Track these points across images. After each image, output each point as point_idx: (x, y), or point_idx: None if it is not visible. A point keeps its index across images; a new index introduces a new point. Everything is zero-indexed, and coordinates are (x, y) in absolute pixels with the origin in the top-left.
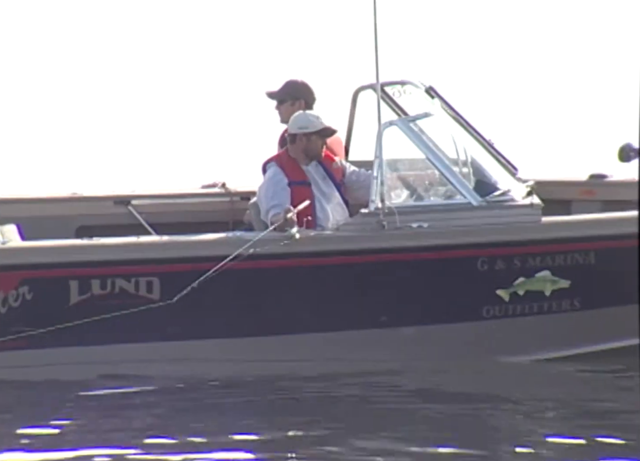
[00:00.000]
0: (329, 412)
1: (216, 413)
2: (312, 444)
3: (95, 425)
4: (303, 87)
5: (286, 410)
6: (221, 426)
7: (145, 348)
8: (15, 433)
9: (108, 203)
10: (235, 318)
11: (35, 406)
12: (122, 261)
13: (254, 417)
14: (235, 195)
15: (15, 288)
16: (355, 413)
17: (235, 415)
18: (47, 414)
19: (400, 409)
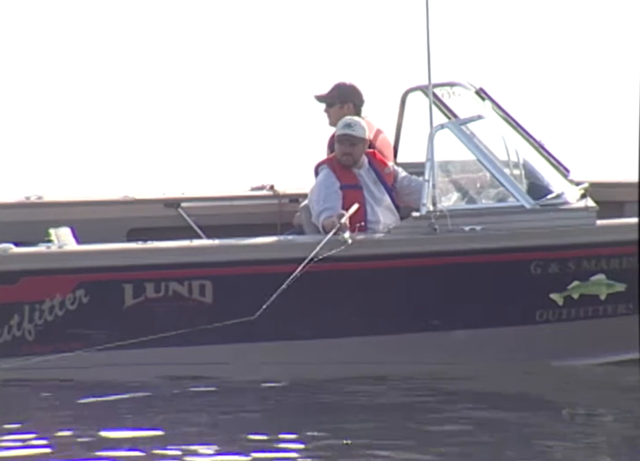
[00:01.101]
0: (378, 416)
1: (266, 414)
2: (360, 448)
3: (151, 426)
4: (351, 90)
5: (336, 412)
6: (271, 428)
7: (198, 350)
8: (73, 433)
9: (158, 206)
10: (288, 321)
11: (92, 407)
12: (176, 265)
13: (302, 419)
14: (283, 197)
15: (72, 291)
16: (404, 416)
17: (284, 417)
18: (102, 415)
19: (448, 413)
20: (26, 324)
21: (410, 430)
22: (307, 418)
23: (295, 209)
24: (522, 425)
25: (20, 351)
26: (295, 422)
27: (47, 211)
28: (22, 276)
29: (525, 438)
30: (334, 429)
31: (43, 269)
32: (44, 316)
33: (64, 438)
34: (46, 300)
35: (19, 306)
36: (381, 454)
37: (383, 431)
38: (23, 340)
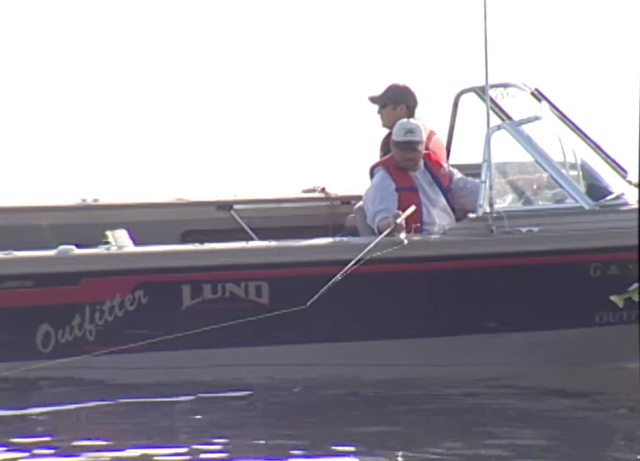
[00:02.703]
0: (428, 418)
1: (317, 414)
2: (411, 448)
3: (209, 426)
4: (405, 91)
5: (389, 415)
6: (322, 429)
7: (254, 351)
8: (130, 433)
9: (211, 208)
10: (343, 322)
11: (149, 407)
12: (233, 266)
13: (356, 420)
14: (335, 199)
15: (131, 292)
16: (455, 419)
17: (336, 418)
18: (159, 415)
19: (503, 417)
20: (87, 325)
21: (463, 432)
22: (359, 419)
23: (346, 211)
24: (582, 427)
25: (81, 351)
26: (348, 423)
27: (103, 214)
28: (83, 277)
29: (583, 440)
30: (388, 431)
31: (103, 270)
32: (104, 316)
33: (120, 437)
34: (106, 301)
35: (80, 306)
36: (433, 455)
37: (440, 433)
38: (84, 340)
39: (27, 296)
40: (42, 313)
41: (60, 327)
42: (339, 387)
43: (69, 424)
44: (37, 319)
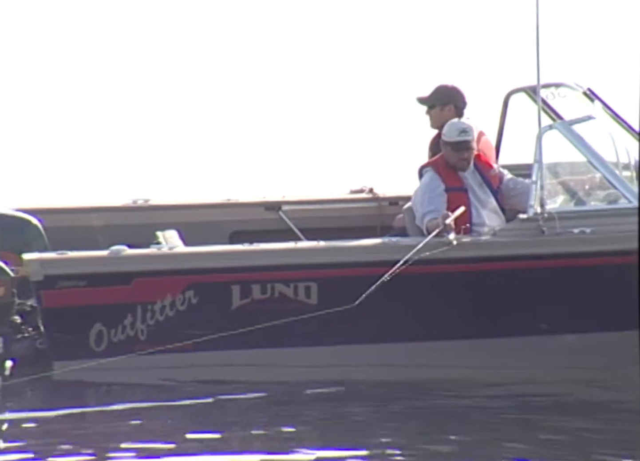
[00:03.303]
0: (476, 421)
1: (372, 416)
2: (450, 453)
3: (256, 427)
4: (453, 92)
5: (438, 416)
6: (367, 430)
7: (303, 352)
8: (177, 433)
9: (259, 209)
10: (392, 323)
11: (198, 407)
12: (282, 266)
13: (403, 422)
14: (383, 200)
15: (182, 292)
16: (502, 422)
17: (377, 420)
18: (208, 415)
19: (551, 420)
20: (139, 324)
21: (522, 435)
22: (407, 420)
23: (394, 211)
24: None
25: (133, 350)
26: (397, 424)
27: (153, 214)
28: (135, 277)
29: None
30: (436, 433)
31: (155, 270)
32: (156, 316)
33: (168, 437)
34: (157, 301)
35: (132, 306)
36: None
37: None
38: (136, 340)
39: (80, 295)
40: (95, 312)
41: (113, 326)
42: (386, 388)
43: (122, 423)
44: (91, 318)
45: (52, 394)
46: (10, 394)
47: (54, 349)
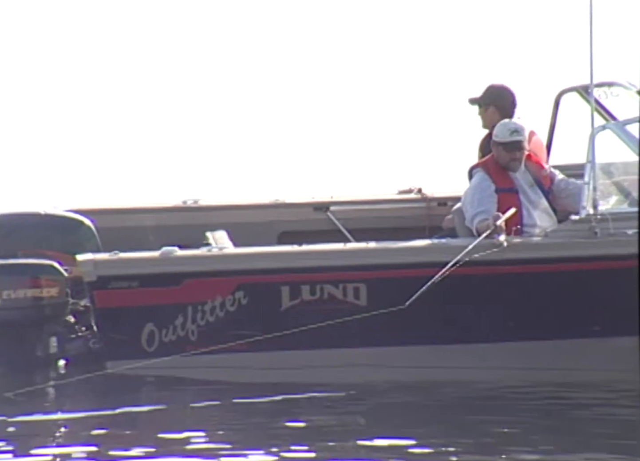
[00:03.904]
0: (517, 422)
1: (405, 416)
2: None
3: (309, 426)
4: (496, 92)
5: (479, 418)
6: (417, 429)
7: (351, 353)
8: (226, 433)
9: (308, 209)
10: (441, 325)
11: (248, 407)
12: (331, 267)
13: (455, 423)
14: (431, 200)
15: (231, 293)
16: (561, 425)
17: (428, 422)
18: (262, 415)
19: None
20: (189, 325)
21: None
22: (458, 422)
23: (443, 212)
24: None
25: (184, 350)
26: (448, 425)
27: (202, 215)
28: (186, 278)
29: None
30: (487, 435)
31: (205, 271)
32: (206, 317)
33: (219, 436)
34: (208, 301)
35: (183, 307)
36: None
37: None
38: (186, 340)
39: (132, 296)
40: (147, 312)
41: (164, 327)
42: (435, 389)
43: (173, 422)
44: (143, 319)
45: (104, 393)
46: (64, 393)
47: (107, 349)
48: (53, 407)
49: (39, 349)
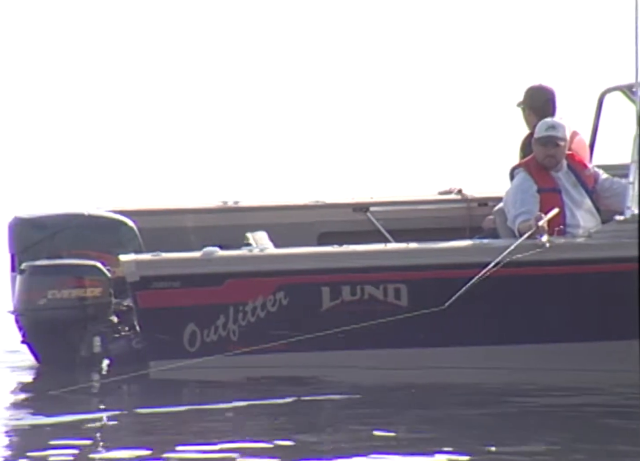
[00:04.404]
0: (558, 425)
1: (452, 417)
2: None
3: (350, 427)
4: (530, 92)
5: (521, 420)
6: (452, 433)
7: (392, 354)
8: (268, 433)
9: (347, 210)
10: (484, 326)
11: (291, 407)
12: (372, 268)
13: (494, 425)
14: (472, 201)
15: (272, 293)
16: (600, 427)
17: (465, 424)
18: (303, 415)
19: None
20: (231, 325)
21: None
22: (497, 421)
23: (484, 213)
24: None
25: (225, 351)
26: (488, 425)
27: (242, 216)
28: (227, 278)
29: None
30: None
31: (246, 271)
32: (247, 317)
33: (261, 436)
34: (249, 302)
35: (224, 307)
36: None
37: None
38: (228, 340)
39: (174, 296)
40: (189, 313)
41: (206, 327)
42: (475, 390)
43: (215, 422)
44: (184, 319)
45: (147, 393)
46: (107, 392)
47: (149, 348)
48: (97, 406)
49: (83, 349)
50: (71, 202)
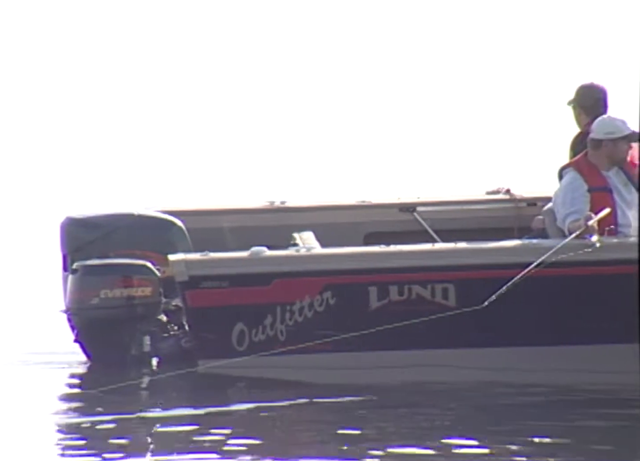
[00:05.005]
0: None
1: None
2: None
3: (397, 427)
4: (583, 91)
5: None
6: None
7: (437, 354)
8: (312, 433)
9: (394, 210)
10: (533, 326)
11: (338, 406)
12: (419, 268)
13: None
14: (520, 201)
15: (319, 293)
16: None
17: (513, 426)
18: (351, 414)
19: None
20: (278, 325)
21: None
22: (539, 422)
23: (532, 213)
24: None
25: (273, 350)
26: (529, 427)
27: (288, 216)
28: (275, 278)
29: None
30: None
31: (294, 271)
32: (294, 317)
33: (310, 435)
34: (296, 301)
35: (272, 307)
36: None
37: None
38: (275, 340)
39: (223, 296)
40: (237, 312)
41: (254, 326)
42: (519, 390)
43: (264, 420)
44: (233, 318)
45: (196, 392)
46: (156, 392)
47: (198, 348)
48: (145, 405)
49: (133, 348)
50: (120, 202)
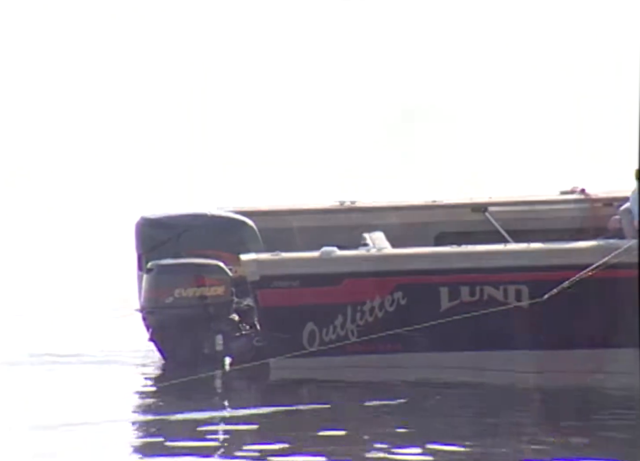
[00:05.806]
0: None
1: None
2: None
3: (466, 424)
4: None
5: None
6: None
7: (511, 355)
8: (377, 431)
9: (465, 210)
10: (594, 329)
11: (398, 408)
12: (492, 269)
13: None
14: (596, 201)
15: (390, 293)
16: None
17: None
18: (411, 414)
19: None
20: (349, 325)
21: None
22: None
23: (608, 213)
24: None
25: (344, 350)
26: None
27: (359, 216)
28: (345, 278)
29: None
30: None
31: (364, 271)
32: (365, 317)
33: (380, 434)
34: (367, 302)
35: (342, 306)
36: None
37: None
38: (346, 340)
39: (294, 295)
40: (308, 312)
41: (324, 326)
42: (565, 393)
43: (334, 419)
44: (303, 318)
45: (268, 391)
46: (229, 391)
47: (270, 347)
48: (218, 404)
49: (206, 347)
50: (193, 202)
